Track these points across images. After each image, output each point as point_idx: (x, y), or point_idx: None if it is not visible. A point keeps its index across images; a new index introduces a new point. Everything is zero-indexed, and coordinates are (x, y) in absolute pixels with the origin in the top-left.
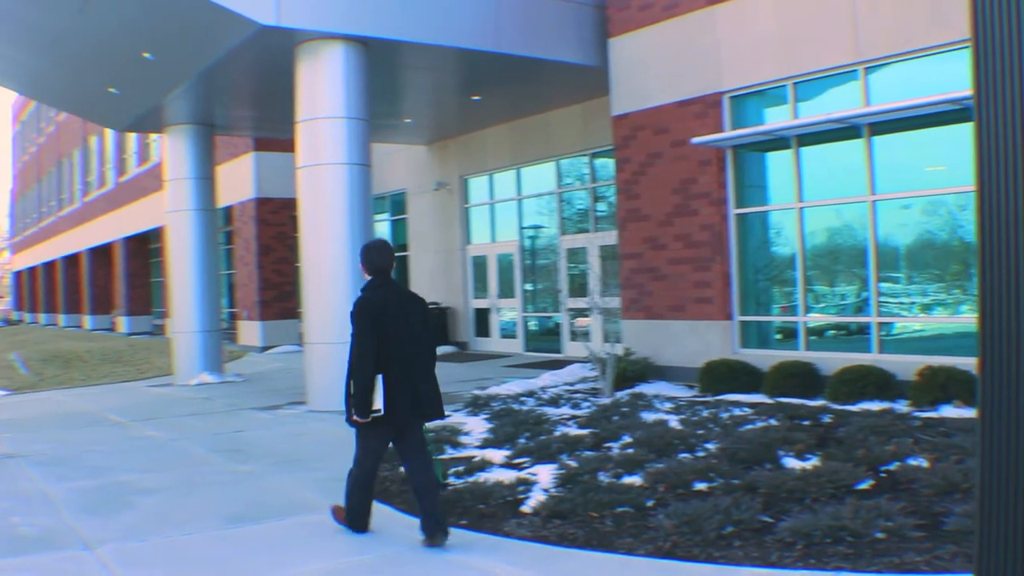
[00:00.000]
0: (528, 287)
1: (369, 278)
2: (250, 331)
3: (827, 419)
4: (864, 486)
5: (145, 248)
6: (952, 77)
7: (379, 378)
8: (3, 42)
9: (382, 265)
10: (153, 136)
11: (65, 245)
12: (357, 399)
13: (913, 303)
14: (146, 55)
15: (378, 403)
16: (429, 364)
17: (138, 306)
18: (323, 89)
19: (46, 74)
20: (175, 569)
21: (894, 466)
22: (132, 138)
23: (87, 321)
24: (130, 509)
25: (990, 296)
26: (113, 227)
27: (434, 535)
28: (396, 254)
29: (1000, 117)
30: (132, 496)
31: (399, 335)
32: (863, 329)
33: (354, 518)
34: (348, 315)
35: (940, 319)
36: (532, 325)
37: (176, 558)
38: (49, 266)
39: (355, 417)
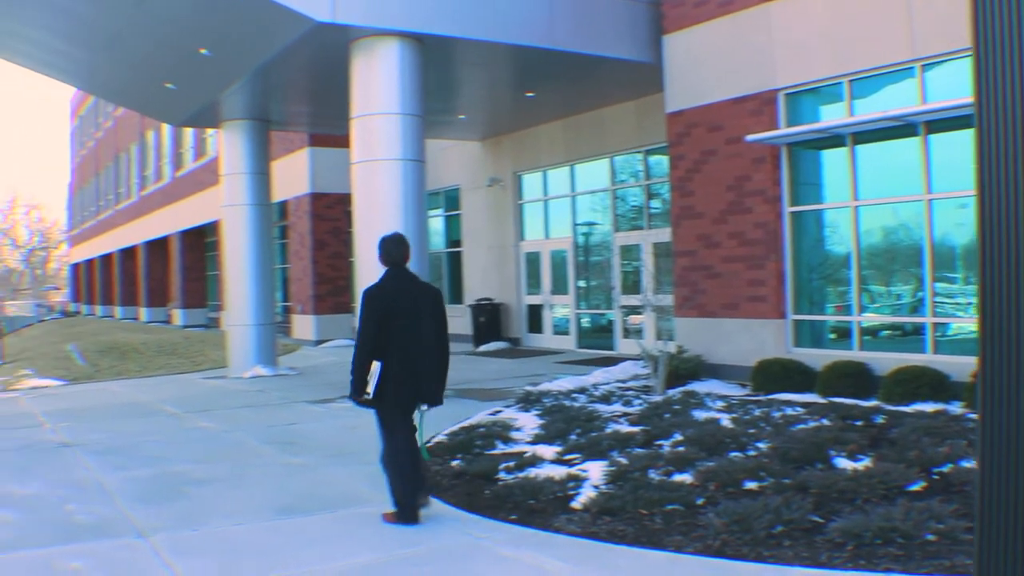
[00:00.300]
0: (581, 284)
1: (385, 269)
2: (304, 325)
3: (880, 420)
4: (916, 488)
5: (201, 242)
6: None
7: (376, 365)
8: (63, 39)
9: (397, 257)
10: (209, 131)
11: (122, 238)
12: (352, 382)
13: (969, 303)
14: (203, 51)
15: (370, 387)
16: (434, 355)
17: (193, 299)
18: (378, 85)
19: (104, 70)
20: (226, 558)
21: (947, 468)
22: (188, 133)
23: (143, 313)
24: (183, 499)
25: (990, 297)
26: (169, 221)
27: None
28: (449, 250)
29: (1000, 122)
30: (185, 486)
31: (405, 325)
32: (918, 329)
33: (402, 510)
34: None
35: None
36: (585, 322)
37: (227, 547)
38: (106, 259)
39: (353, 397)
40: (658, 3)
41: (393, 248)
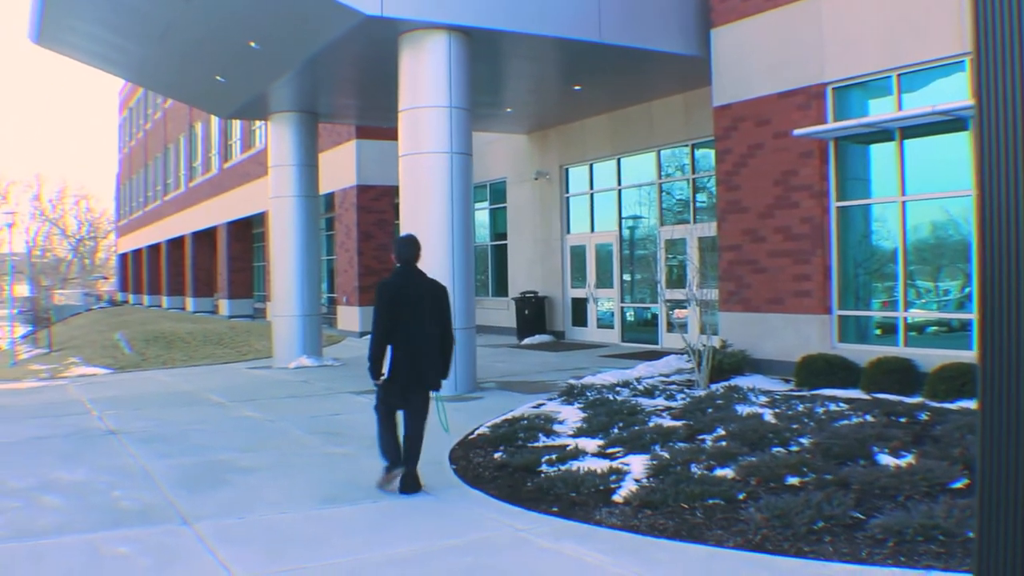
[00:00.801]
0: (626, 277)
1: (398, 265)
2: (349, 316)
3: (924, 416)
4: (959, 485)
5: (247, 233)
6: None
7: (388, 349)
8: (116, 33)
9: (407, 256)
10: (257, 123)
11: (169, 229)
12: (370, 365)
13: None
14: (252, 44)
15: (385, 369)
16: (435, 344)
17: (239, 289)
18: (426, 78)
19: (155, 63)
20: (270, 546)
21: None
22: (236, 125)
23: (189, 303)
24: (228, 487)
25: (990, 300)
26: (216, 212)
27: (407, 463)
28: (495, 243)
29: (1001, 125)
30: (230, 474)
31: (408, 317)
32: (964, 326)
33: (383, 450)
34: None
35: None
36: (629, 316)
37: (271, 536)
38: (153, 249)
39: (372, 379)
40: None
41: (403, 248)
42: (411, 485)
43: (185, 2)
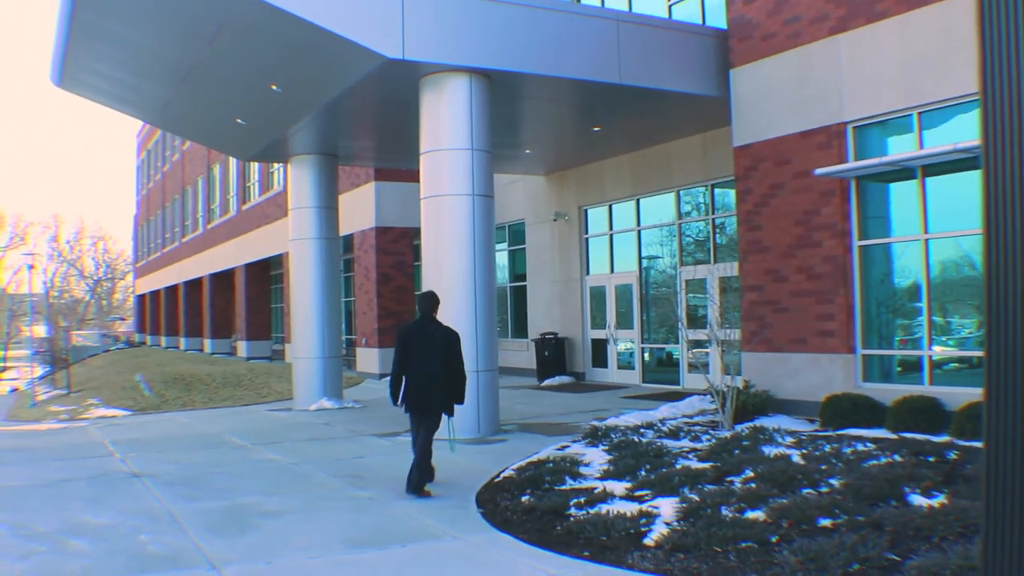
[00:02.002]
0: (646, 318)
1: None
2: (368, 358)
3: (953, 456)
4: None
5: (266, 274)
6: None
7: (403, 380)
8: (137, 76)
9: (424, 308)
10: (275, 165)
11: (187, 270)
12: (390, 392)
13: None
14: (274, 87)
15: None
16: (437, 379)
17: (257, 331)
18: (447, 121)
19: (176, 106)
20: None
21: None
22: (254, 167)
23: (207, 344)
24: (254, 531)
25: (996, 333)
26: (235, 253)
27: (415, 462)
28: (513, 284)
29: (1008, 165)
30: (256, 518)
31: (416, 355)
32: None
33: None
34: (471, 344)
35: None
36: (649, 356)
37: None
38: (171, 290)
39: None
40: (725, 37)
41: (422, 302)
42: (412, 483)
43: (207, 46)
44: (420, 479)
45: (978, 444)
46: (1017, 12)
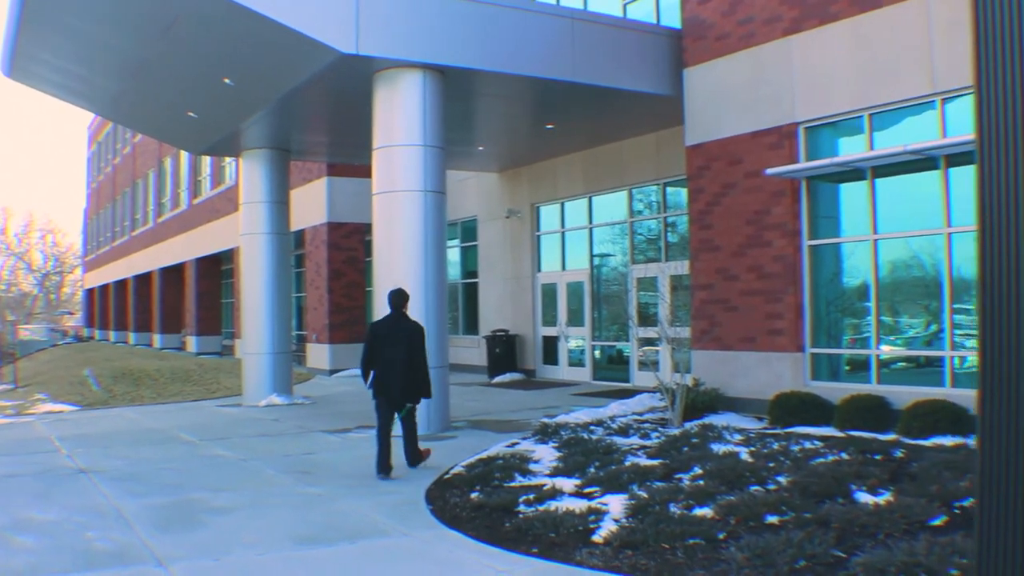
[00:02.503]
0: (597, 315)
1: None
2: (318, 354)
3: (899, 454)
4: (938, 522)
5: (216, 269)
6: None
7: (372, 372)
8: (89, 67)
9: (394, 303)
10: (227, 159)
11: (137, 264)
12: (361, 378)
13: None
14: (226, 81)
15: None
16: (406, 368)
17: (207, 326)
18: (400, 117)
19: (128, 98)
20: None
21: (968, 502)
22: (206, 160)
23: (156, 340)
24: (202, 527)
25: (990, 319)
26: (185, 248)
27: (412, 462)
28: (465, 280)
29: (1002, 159)
30: (204, 514)
31: (385, 348)
32: (936, 363)
33: (378, 457)
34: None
35: None
36: (600, 354)
37: None
38: (121, 284)
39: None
40: (679, 36)
41: (392, 298)
42: (412, 460)
43: (161, 38)
44: (414, 453)
45: (924, 442)
46: (1011, 7)
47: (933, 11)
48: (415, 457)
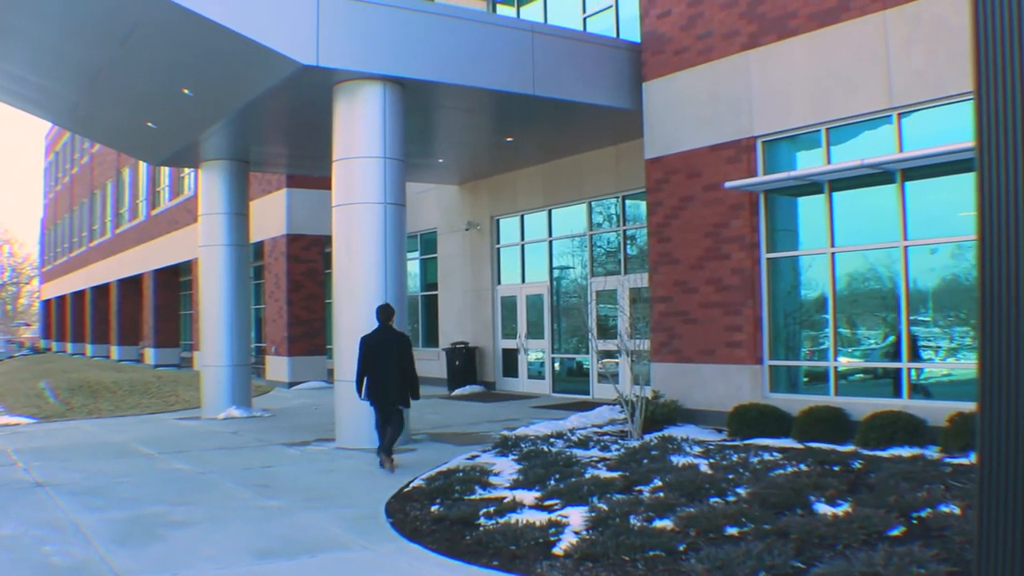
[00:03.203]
0: (557, 328)
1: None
2: (278, 366)
3: (857, 465)
4: (896, 532)
5: (175, 280)
6: None
7: (366, 379)
8: (46, 76)
9: (382, 317)
10: (186, 170)
11: (95, 275)
12: (356, 388)
13: (940, 348)
14: (186, 91)
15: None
16: (396, 376)
17: (166, 338)
18: (360, 129)
19: (86, 108)
20: None
21: (926, 513)
22: (165, 171)
23: (114, 352)
24: (161, 541)
25: (990, 326)
26: (144, 259)
27: (387, 453)
28: (425, 293)
29: (1001, 166)
30: (163, 528)
31: (376, 358)
32: (893, 374)
33: (379, 446)
34: None
35: (970, 365)
36: (560, 366)
37: None
38: (78, 295)
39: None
40: (639, 50)
41: (380, 312)
42: (383, 459)
43: (119, 47)
44: (385, 448)
45: (882, 453)
46: (1012, 14)
47: (890, 27)
48: (387, 457)
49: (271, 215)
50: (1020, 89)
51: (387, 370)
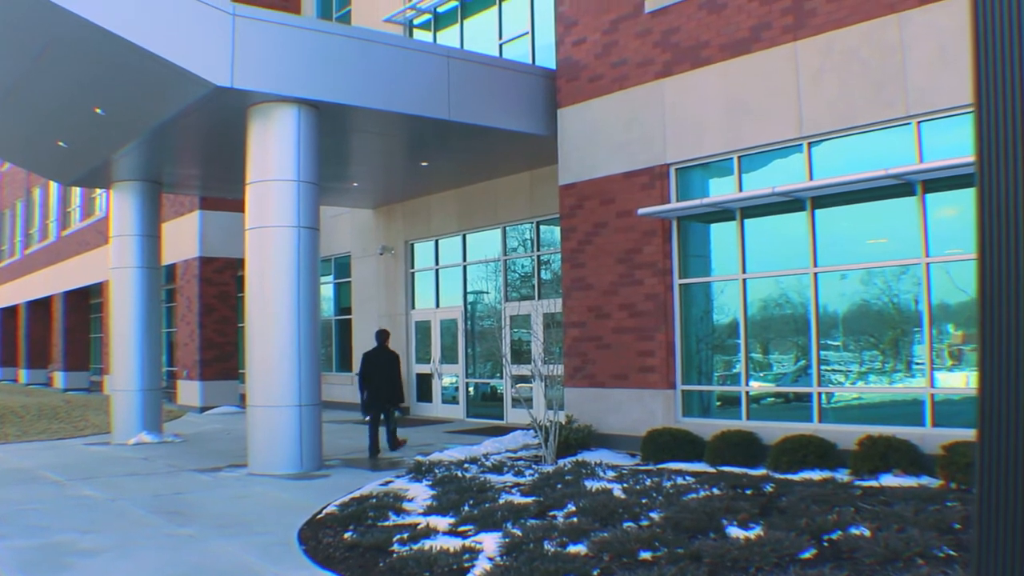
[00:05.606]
0: (471, 352)
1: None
2: (189, 391)
3: (769, 488)
4: (807, 555)
5: (85, 303)
6: (892, 152)
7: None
8: None
9: (379, 339)
10: (98, 190)
11: (3, 297)
12: (359, 397)
13: (851, 372)
14: (98, 110)
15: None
16: (389, 385)
17: (75, 361)
18: (274, 151)
19: None
20: None
21: (836, 535)
22: (76, 192)
23: (22, 375)
24: (69, 571)
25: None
26: (53, 280)
27: (392, 447)
28: (339, 317)
29: (1000, 183)
30: (71, 557)
31: (374, 372)
32: (804, 398)
33: (370, 445)
34: (294, 379)
35: (879, 389)
36: (474, 391)
37: None
38: None
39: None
40: (554, 77)
41: (377, 334)
42: (392, 446)
43: (31, 65)
44: (393, 441)
45: (793, 476)
46: (1012, 24)
47: (800, 58)
48: (394, 444)
49: (184, 237)
50: (1020, 102)
51: (383, 379)
